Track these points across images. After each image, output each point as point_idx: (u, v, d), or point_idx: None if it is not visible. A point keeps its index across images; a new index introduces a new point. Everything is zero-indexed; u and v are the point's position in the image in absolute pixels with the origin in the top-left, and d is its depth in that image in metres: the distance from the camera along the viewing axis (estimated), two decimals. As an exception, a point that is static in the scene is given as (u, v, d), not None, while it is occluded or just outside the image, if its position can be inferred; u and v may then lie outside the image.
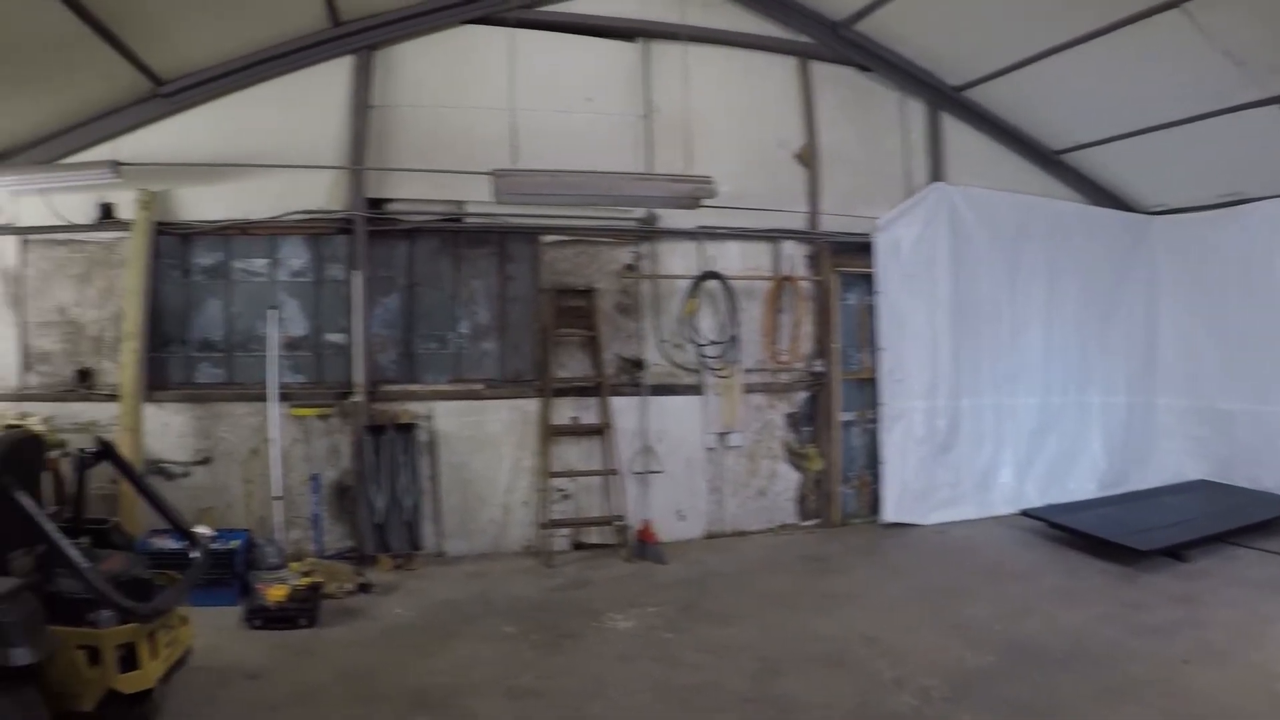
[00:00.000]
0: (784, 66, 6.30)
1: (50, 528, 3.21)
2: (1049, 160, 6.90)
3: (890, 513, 6.18)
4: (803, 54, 6.31)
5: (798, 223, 6.14)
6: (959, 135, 6.64)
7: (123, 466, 3.95)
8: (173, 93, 5.52)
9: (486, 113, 5.57)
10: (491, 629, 4.39)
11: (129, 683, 3.39)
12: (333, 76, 5.63)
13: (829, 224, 6.19)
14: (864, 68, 6.43)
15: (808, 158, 6.19)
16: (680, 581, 5.12)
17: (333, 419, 5.53)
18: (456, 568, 5.49)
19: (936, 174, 6.52)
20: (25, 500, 3.25)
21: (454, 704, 3.59)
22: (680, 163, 5.75)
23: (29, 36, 4.45)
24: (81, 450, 3.82)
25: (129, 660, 3.38)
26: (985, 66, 6.18)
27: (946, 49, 6.26)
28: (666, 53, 6.02)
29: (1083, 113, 6.22)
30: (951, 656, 3.87)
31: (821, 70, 6.34)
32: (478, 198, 5.43)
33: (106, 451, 3.87)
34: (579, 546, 5.78)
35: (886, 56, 6.42)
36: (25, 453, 3.67)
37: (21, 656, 3.00)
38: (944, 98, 6.58)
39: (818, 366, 6.11)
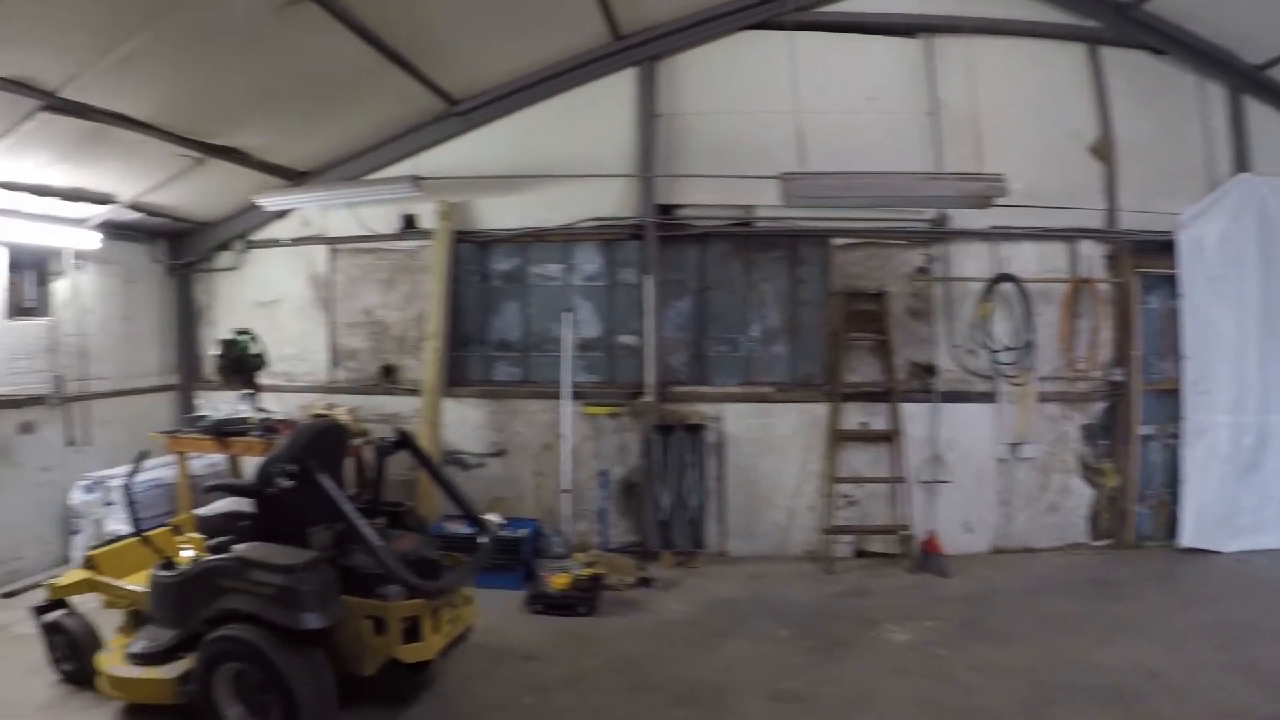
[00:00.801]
0: (1071, 54, 6.12)
1: (348, 507, 3.55)
2: (1371, 145, 6.37)
3: (1188, 537, 5.88)
4: (1090, 39, 6.11)
5: (1094, 220, 5.95)
6: (1264, 119, 6.26)
7: (419, 455, 4.34)
8: (466, 111, 6.08)
9: (771, 116, 5.75)
10: (765, 631, 4.55)
11: (410, 653, 3.73)
12: (617, 88, 5.98)
13: (1127, 221, 5.96)
14: (1157, 50, 6.15)
15: (1103, 150, 5.99)
16: (961, 596, 5.07)
17: (623, 418, 5.83)
18: (737, 568, 5.69)
19: (1241, 164, 6.16)
20: (326, 482, 3.62)
21: (721, 702, 3.76)
22: (969, 160, 5.69)
23: (335, 69, 5.08)
24: (381, 439, 4.27)
25: (412, 632, 3.71)
26: (1292, 38, 5.74)
27: (1246, 23, 5.91)
28: (948, 46, 5.98)
29: None
30: (1239, 702, 3.65)
31: (1111, 56, 6.12)
32: (766, 201, 5.64)
33: (405, 441, 4.26)
34: (861, 554, 5.83)
35: (1180, 37, 6.12)
36: (328, 439, 4.12)
37: (314, 621, 3.38)
38: (1245, 79, 6.22)
39: (1116, 375, 5.88)
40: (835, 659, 4.19)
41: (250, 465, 5.85)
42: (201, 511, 4.28)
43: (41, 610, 4.37)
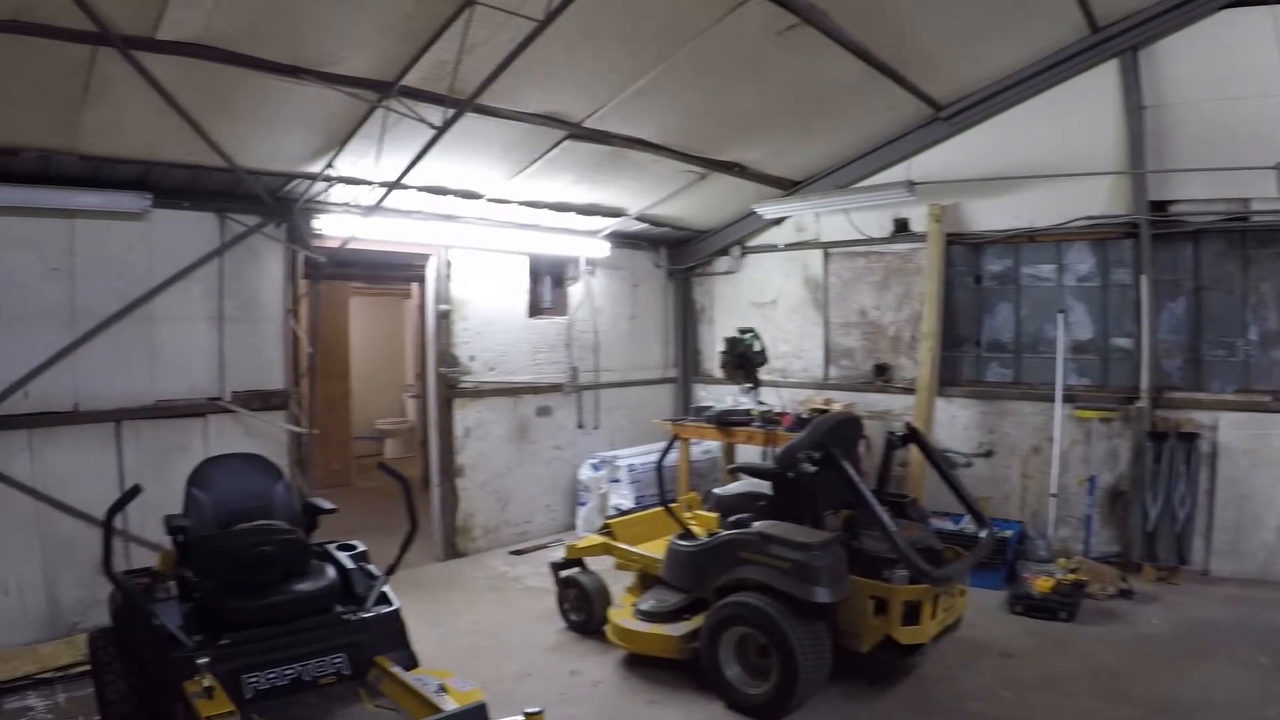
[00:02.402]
0: None
1: (867, 493, 5.89)
2: None
3: None
4: None
5: None
6: None
7: (927, 451, 7.26)
8: (951, 115, 10.11)
9: (1261, 101, 8.22)
10: (1244, 656, 6.65)
11: (907, 635, 5.87)
12: (1099, 82, 9.21)
13: None
14: None
15: None
16: None
17: (1114, 423, 9.54)
18: (1218, 588, 8.39)
19: None
20: (848, 467, 5.99)
21: (1194, 721, 5.94)
22: None
23: (828, 84, 8.73)
24: (891, 433, 7.08)
25: (910, 616, 5.84)
26: None
27: None
28: None
29: None
30: None
31: None
32: (1264, 193, 8.50)
33: (914, 436, 7.07)
34: (1354, 586, 8.63)
35: None
36: (846, 430, 6.93)
37: (824, 595, 5.56)
38: None
39: None
40: (1317, 693, 6.17)
41: (745, 453, 9.96)
42: (719, 491, 7.25)
43: (560, 567, 7.72)
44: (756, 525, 6.05)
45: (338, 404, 14.38)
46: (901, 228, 10.53)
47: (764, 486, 6.63)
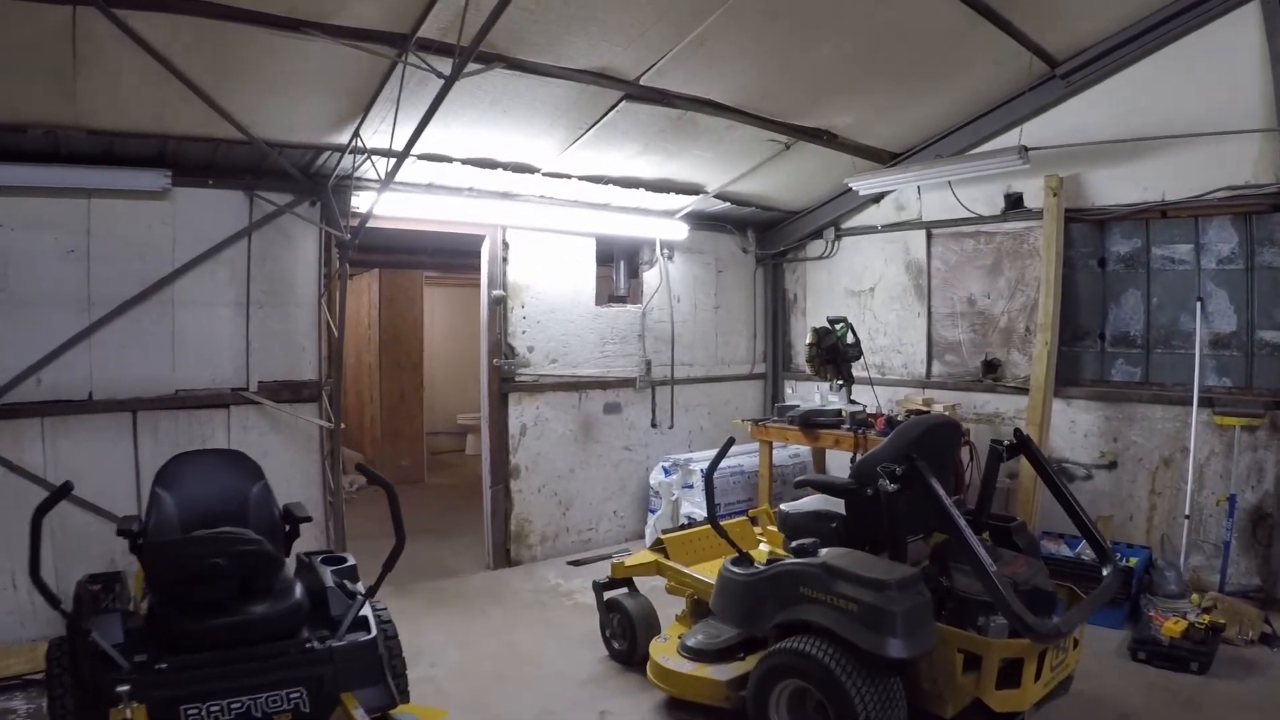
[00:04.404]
0: None
1: (960, 520, 4.97)
2: None
3: None
4: None
5: None
6: None
7: (1040, 465, 6.29)
8: (1068, 73, 9.26)
9: None
10: None
11: (1002, 701, 4.93)
12: (1235, 28, 8.15)
13: None
14: None
15: None
16: None
17: (1259, 431, 8.61)
18: None
19: None
20: (936, 485, 5.11)
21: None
22: None
23: (922, 31, 7.83)
24: (996, 442, 6.08)
25: (1008, 676, 4.92)
26: None
27: None
28: None
29: None
30: None
31: None
32: None
33: (1023, 445, 6.16)
34: None
35: None
36: (938, 437, 5.98)
37: (897, 649, 4.72)
38: None
39: None
40: None
41: (834, 459, 9.36)
42: (786, 507, 6.49)
43: (604, 587, 7.19)
44: (823, 553, 5.30)
45: (410, 397, 14.39)
46: (1014, 203, 9.82)
47: (838, 504, 5.93)
